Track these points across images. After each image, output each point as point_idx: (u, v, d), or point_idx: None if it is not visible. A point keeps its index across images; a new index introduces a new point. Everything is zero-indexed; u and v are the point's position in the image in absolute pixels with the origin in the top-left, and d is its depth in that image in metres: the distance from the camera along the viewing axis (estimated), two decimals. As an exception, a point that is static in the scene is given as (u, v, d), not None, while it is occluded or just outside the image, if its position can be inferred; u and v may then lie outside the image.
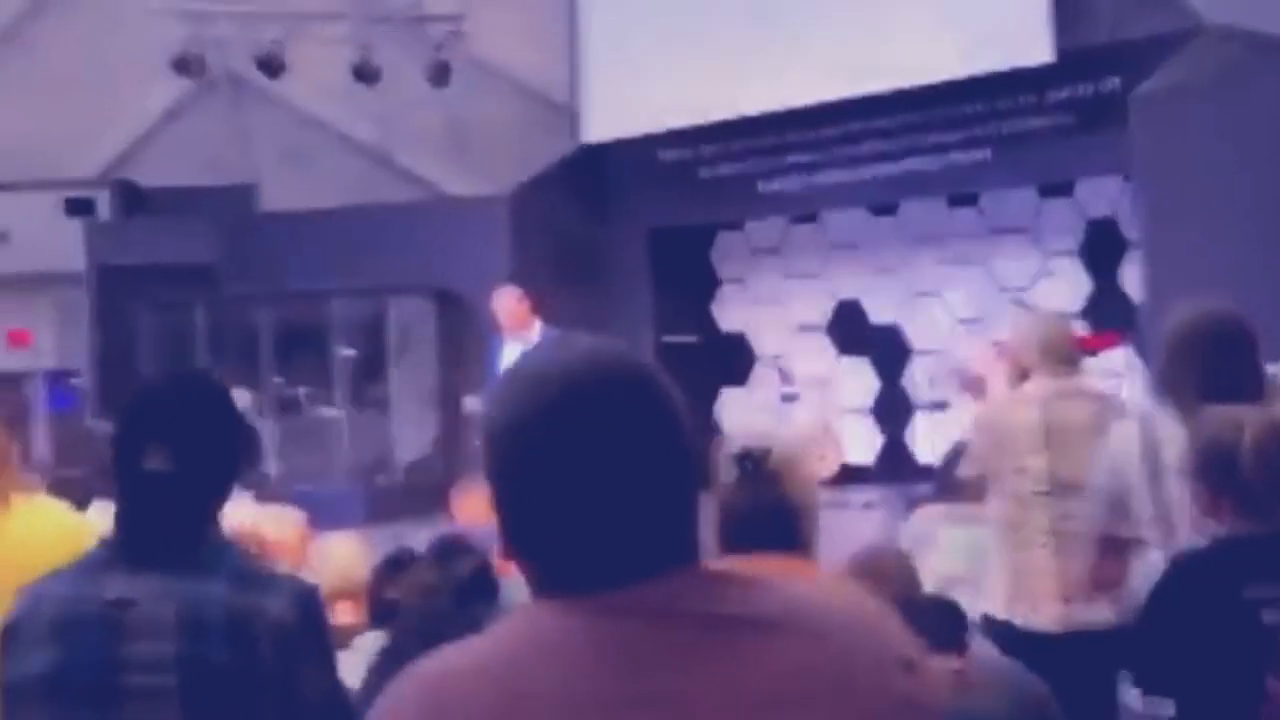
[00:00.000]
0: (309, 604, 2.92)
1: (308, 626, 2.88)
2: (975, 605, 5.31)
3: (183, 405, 2.98)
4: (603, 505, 1.58)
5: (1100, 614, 4.93)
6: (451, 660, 1.60)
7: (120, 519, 2.94)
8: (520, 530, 1.62)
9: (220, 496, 3.00)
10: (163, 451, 2.88)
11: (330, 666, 2.99)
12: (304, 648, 2.87)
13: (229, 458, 3.04)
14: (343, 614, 5.05)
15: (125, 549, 2.90)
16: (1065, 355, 5.27)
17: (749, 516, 2.99)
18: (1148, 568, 4.18)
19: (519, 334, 10.59)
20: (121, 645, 2.80)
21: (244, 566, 2.97)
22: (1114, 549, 4.46)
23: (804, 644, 1.58)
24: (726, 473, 3.04)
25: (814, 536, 3.06)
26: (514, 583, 5.49)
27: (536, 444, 1.59)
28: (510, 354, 10.56)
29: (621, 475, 1.59)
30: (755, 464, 3.01)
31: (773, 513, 3.00)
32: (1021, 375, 5.33)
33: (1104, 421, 5.02)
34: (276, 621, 2.83)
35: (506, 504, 1.62)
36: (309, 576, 5.17)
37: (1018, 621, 5.03)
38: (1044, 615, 5.02)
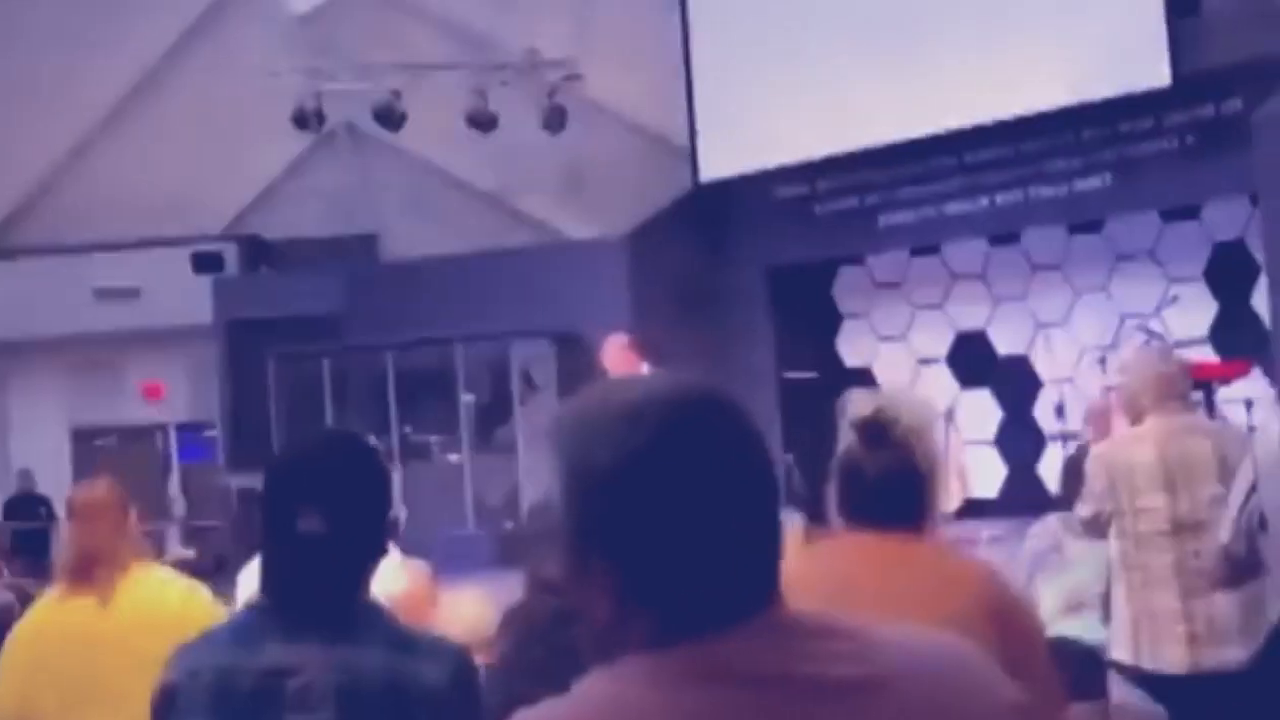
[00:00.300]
0: (462, 669, 2.89)
1: (462, 693, 2.84)
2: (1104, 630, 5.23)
3: (334, 466, 2.92)
4: (719, 540, 1.52)
5: (1230, 655, 4.84)
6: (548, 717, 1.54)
7: (273, 583, 2.88)
8: (632, 577, 1.53)
9: (373, 559, 2.94)
10: (316, 514, 2.82)
11: None
12: (458, 714, 2.84)
13: (380, 518, 2.97)
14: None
15: (279, 614, 2.84)
16: (1177, 392, 5.19)
17: (875, 484, 2.96)
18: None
19: None
20: (280, 715, 2.76)
21: (398, 631, 2.92)
22: (1247, 567, 4.39)
23: (906, 706, 1.53)
24: (852, 438, 2.99)
25: (937, 505, 3.02)
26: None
27: (645, 484, 1.51)
28: None
29: (731, 507, 1.53)
30: (884, 430, 2.95)
31: (901, 481, 2.96)
32: (1137, 416, 5.25)
33: (1225, 452, 4.95)
34: (432, 689, 2.80)
35: (612, 552, 1.53)
36: (437, 630, 5.20)
37: (1145, 665, 4.93)
38: (1171, 658, 4.92)
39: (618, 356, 10.80)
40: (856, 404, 3.02)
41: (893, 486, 2.96)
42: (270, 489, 2.93)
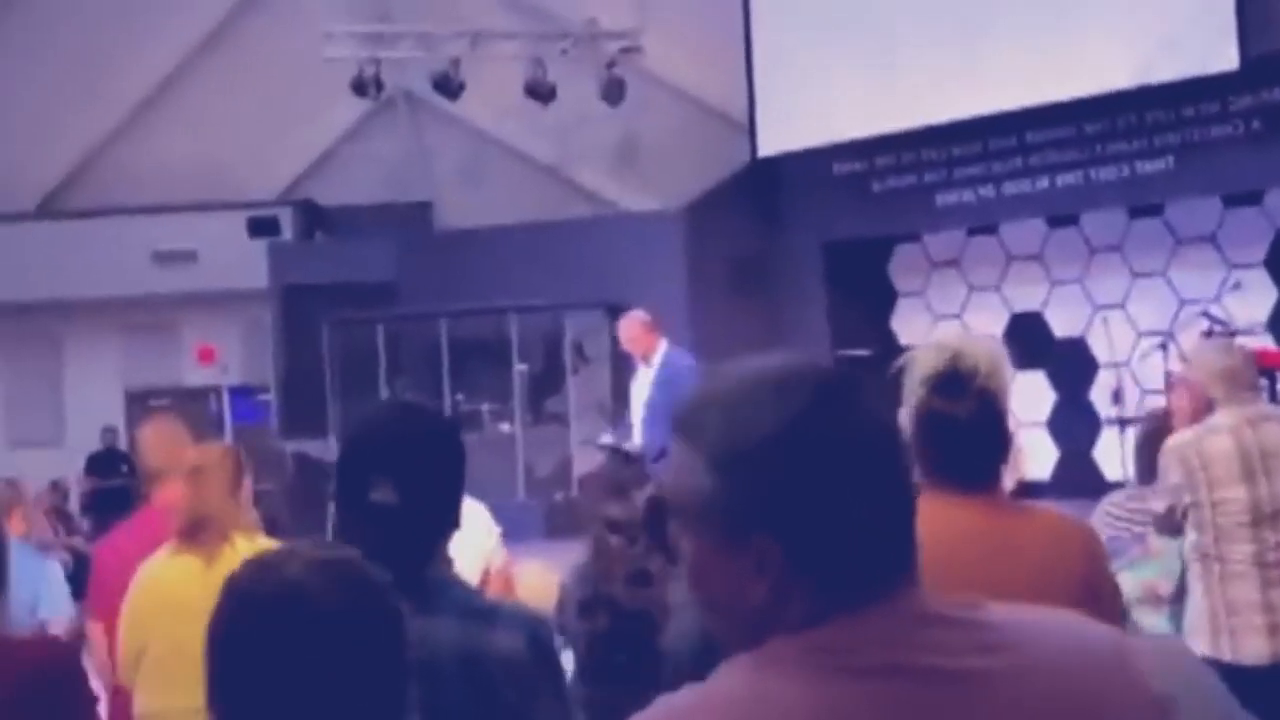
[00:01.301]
0: (539, 636, 2.86)
1: (540, 659, 2.82)
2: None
3: (408, 437, 2.90)
4: (870, 510, 1.52)
5: None
6: (691, 708, 1.53)
7: None
8: (797, 550, 1.51)
9: (446, 529, 2.91)
10: (389, 485, 2.80)
11: (564, 700, 2.93)
12: (538, 682, 2.79)
13: (454, 490, 2.94)
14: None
15: None
16: (1246, 382, 5.14)
17: (968, 436, 2.84)
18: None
19: (645, 357, 10.56)
20: None
21: (471, 601, 2.90)
22: None
23: (1040, 703, 1.52)
24: (923, 394, 2.85)
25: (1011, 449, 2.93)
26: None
27: (804, 451, 1.51)
28: (641, 378, 10.60)
29: (876, 478, 1.53)
30: (965, 382, 2.83)
31: (993, 431, 2.86)
32: (1206, 406, 5.19)
33: None
34: (508, 657, 2.78)
35: (776, 524, 1.51)
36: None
37: (1225, 657, 4.89)
38: (1252, 650, 4.88)
39: (632, 334, 10.77)
40: (927, 357, 2.92)
41: (986, 437, 2.86)
42: (344, 459, 2.91)
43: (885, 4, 15.17)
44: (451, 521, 2.92)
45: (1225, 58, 13.06)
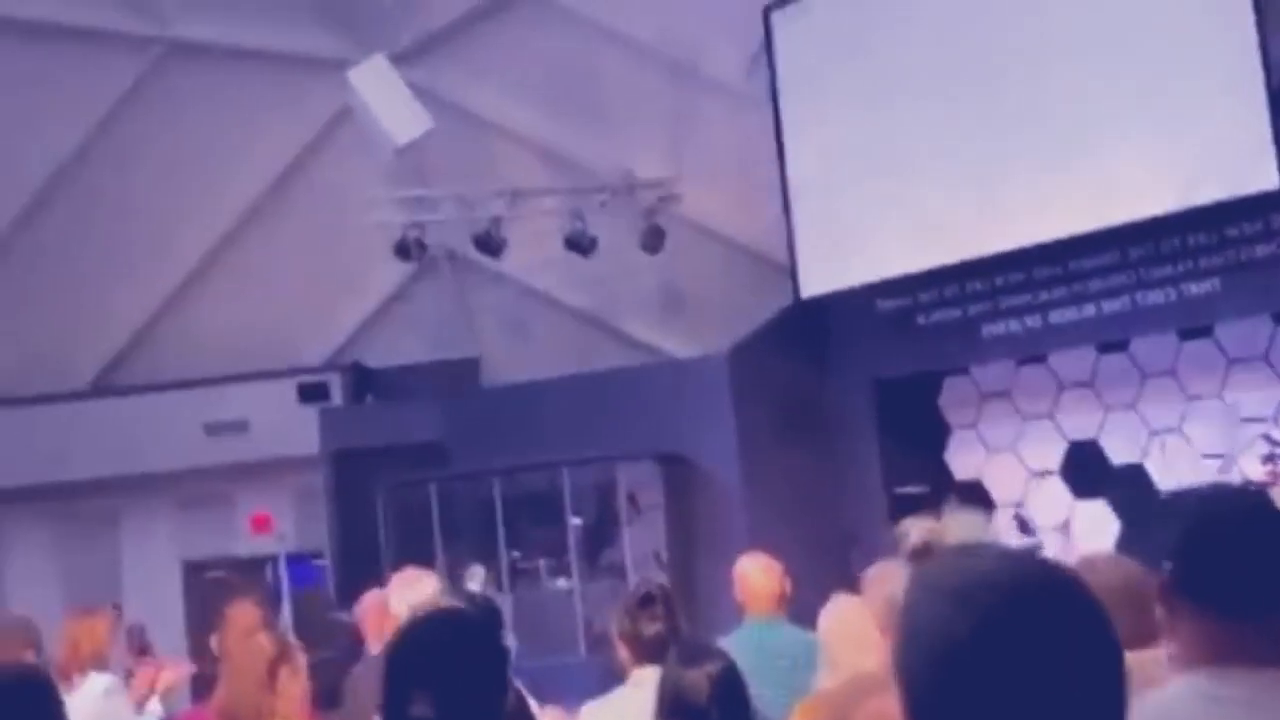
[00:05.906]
0: None
1: None
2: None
3: (448, 648, 2.92)
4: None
5: None
6: None
7: None
8: None
9: None
10: (427, 699, 2.82)
11: None
12: None
13: (495, 701, 2.95)
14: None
15: None
16: None
17: None
18: None
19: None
20: None
21: None
22: None
23: None
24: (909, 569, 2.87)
25: None
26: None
27: (974, 657, 1.49)
28: None
29: (1069, 697, 1.48)
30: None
31: None
32: None
33: None
34: None
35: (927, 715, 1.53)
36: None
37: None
38: None
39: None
40: (909, 534, 2.94)
41: None
42: (388, 672, 2.95)
43: (920, 140, 15.22)
44: None
45: (1265, 177, 13.03)
